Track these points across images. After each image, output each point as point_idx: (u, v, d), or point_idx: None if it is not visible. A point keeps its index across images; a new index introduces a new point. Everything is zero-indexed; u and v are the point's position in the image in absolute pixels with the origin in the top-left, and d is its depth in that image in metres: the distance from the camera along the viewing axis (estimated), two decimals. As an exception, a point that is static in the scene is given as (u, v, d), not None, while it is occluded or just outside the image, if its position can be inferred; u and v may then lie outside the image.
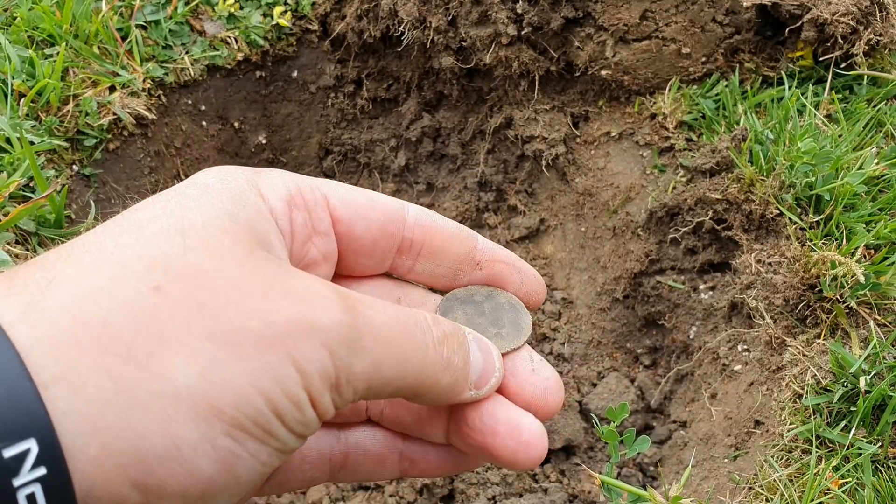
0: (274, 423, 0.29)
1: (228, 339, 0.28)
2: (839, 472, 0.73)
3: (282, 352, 0.29)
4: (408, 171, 1.31)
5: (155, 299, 0.28)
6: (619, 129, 1.16)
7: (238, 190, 0.34)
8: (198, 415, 0.27)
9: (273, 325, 0.29)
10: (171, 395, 0.26)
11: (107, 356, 0.26)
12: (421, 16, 1.14)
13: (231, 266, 0.30)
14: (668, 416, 1.03)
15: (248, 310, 0.29)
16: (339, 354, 0.30)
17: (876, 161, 0.93)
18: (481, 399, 0.37)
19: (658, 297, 1.10)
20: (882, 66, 1.07)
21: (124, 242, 0.29)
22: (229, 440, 0.28)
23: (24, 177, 0.90)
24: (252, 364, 0.28)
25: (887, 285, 0.82)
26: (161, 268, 0.28)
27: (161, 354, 0.27)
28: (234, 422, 0.28)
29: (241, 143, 1.25)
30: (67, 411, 0.25)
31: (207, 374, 0.27)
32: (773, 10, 1.06)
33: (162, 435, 0.26)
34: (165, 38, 1.12)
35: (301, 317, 0.30)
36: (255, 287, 0.29)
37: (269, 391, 0.28)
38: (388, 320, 0.32)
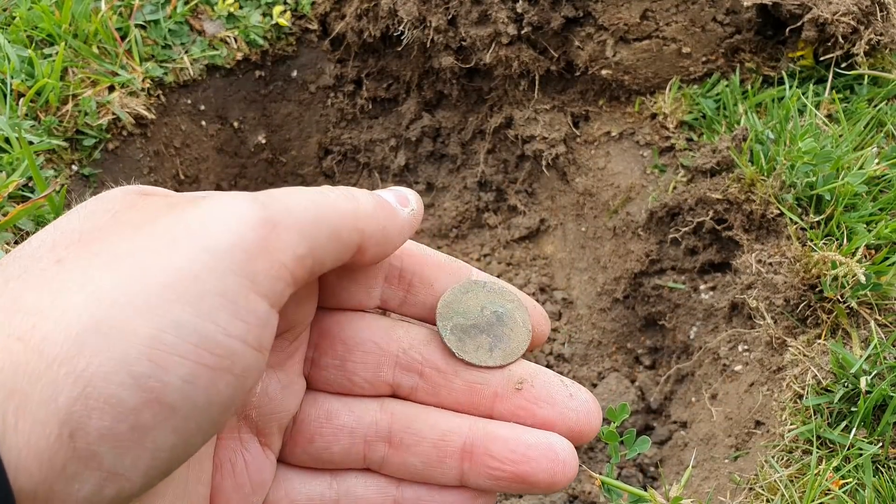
0: (204, 330, 0.26)
1: (126, 263, 0.26)
2: (840, 473, 0.73)
3: (189, 246, 0.26)
4: (407, 170, 1.31)
5: (56, 268, 0.27)
6: (620, 128, 1.16)
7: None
8: (107, 343, 0.24)
9: (169, 231, 0.27)
10: (75, 332, 0.24)
11: (14, 318, 0.25)
12: (421, 15, 1.14)
13: (122, 213, 0.29)
14: (669, 416, 1.03)
15: (142, 235, 0.27)
16: (247, 215, 0.27)
17: (877, 161, 0.92)
18: (416, 223, 0.35)
19: (658, 297, 1.09)
20: (883, 65, 1.07)
21: (36, 237, 0.29)
22: (149, 364, 0.25)
23: (23, 177, 0.90)
24: (160, 273, 0.26)
25: (888, 285, 0.82)
26: (62, 244, 0.28)
27: (61, 298, 0.25)
28: (153, 341, 0.25)
29: (241, 143, 1.25)
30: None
31: (112, 298, 0.25)
32: (773, 9, 1.06)
33: (72, 375, 0.24)
34: (165, 38, 1.12)
35: (195, 211, 0.27)
36: (148, 216, 0.28)
37: (186, 291, 0.25)
38: (276, 189, 0.30)
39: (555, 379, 0.37)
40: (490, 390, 0.37)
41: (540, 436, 0.35)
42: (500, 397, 0.37)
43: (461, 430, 0.36)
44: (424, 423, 0.36)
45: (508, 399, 0.37)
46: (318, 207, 0.30)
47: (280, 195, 0.29)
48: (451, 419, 0.37)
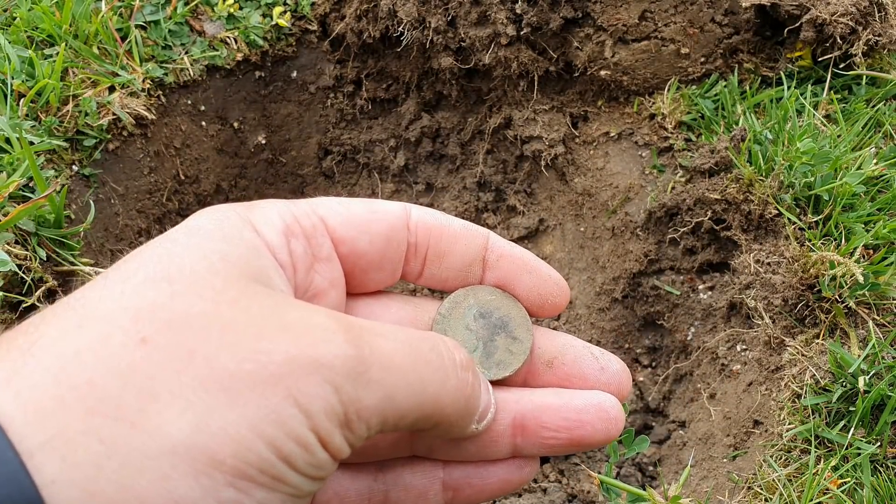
0: (281, 469, 0.27)
1: (223, 386, 0.26)
2: (838, 472, 0.73)
3: (282, 392, 0.27)
4: (407, 171, 1.31)
5: (141, 352, 0.26)
6: (619, 129, 1.16)
7: (230, 228, 0.32)
8: (196, 469, 0.25)
9: (270, 364, 0.27)
10: (166, 451, 0.25)
11: (94, 417, 0.25)
12: (420, 16, 1.14)
13: (223, 307, 0.28)
14: (667, 416, 1.03)
15: (242, 352, 0.27)
16: (345, 389, 0.28)
17: (875, 161, 0.93)
18: (485, 430, 0.35)
19: (657, 297, 1.10)
20: (881, 66, 1.07)
21: (109, 296, 0.28)
22: (233, 491, 0.26)
23: (24, 177, 0.90)
24: (250, 409, 0.26)
25: (886, 285, 0.82)
26: (146, 319, 0.27)
27: (152, 410, 0.25)
28: (237, 472, 0.26)
29: (241, 144, 1.25)
30: (56, 479, 0.24)
31: (202, 424, 0.26)
32: (771, 10, 1.06)
33: (160, 495, 0.25)
34: (165, 39, 1.12)
35: (300, 352, 0.28)
36: (249, 326, 0.28)
37: (272, 435, 0.27)
38: (399, 347, 0.30)
39: (585, 351, 0.38)
40: (522, 370, 0.38)
41: (588, 397, 0.36)
42: (532, 375, 0.38)
43: (509, 406, 0.36)
44: None
45: (540, 377, 0.38)
46: (421, 403, 0.31)
47: (396, 368, 0.30)
48: (501, 398, 0.37)
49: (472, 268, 0.38)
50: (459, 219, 0.39)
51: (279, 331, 0.28)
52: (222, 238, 0.31)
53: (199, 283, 0.29)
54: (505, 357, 0.38)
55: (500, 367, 0.37)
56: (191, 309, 0.27)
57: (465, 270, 0.38)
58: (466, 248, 0.38)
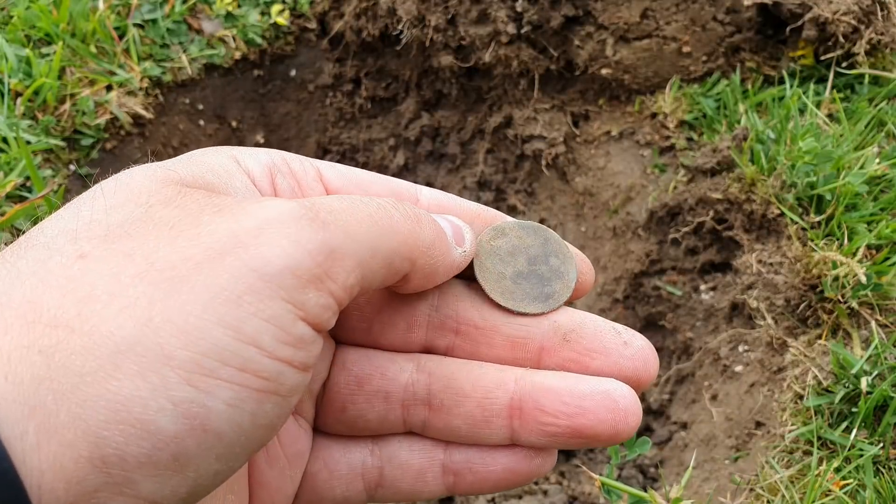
0: (247, 354, 0.24)
1: (165, 277, 0.24)
2: (840, 474, 0.73)
3: (232, 264, 0.24)
4: (407, 170, 1.30)
5: (79, 265, 0.24)
6: (620, 128, 1.16)
7: (200, 153, 0.30)
8: (143, 367, 0.23)
9: (213, 243, 0.24)
10: (108, 351, 0.23)
11: (34, 329, 0.23)
12: (420, 14, 1.13)
13: (155, 208, 0.26)
14: (669, 417, 1.02)
15: (182, 241, 0.25)
16: (306, 235, 0.25)
17: (877, 161, 0.92)
18: (466, 263, 0.33)
19: (658, 297, 1.09)
20: (883, 65, 1.06)
21: (50, 224, 0.26)
22: (190, 390, 0.23)
23: (21, 176, 0.90)
24: (198, 292, 0.24)
25: (889, 286, 0.82)
26: (84, 237, 0.25)
27: (90, 311, 0.23)
28: (192, 365, 0.23)
29: (239, 143, 1.25)
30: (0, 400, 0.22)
31: (146, 317, 0.23)
32: (774, 8, 1.06)
33: (103, 397, 0.22)
34: (163, 37, 1.11)
35: (243, 222, 0.25)
36: (186, 219, 0.26)
37: (227, 315, 0.24)
38: (335, 199, 0.28)
39: (605, 326, 0.34)
40: (535, 344, 0.34)
41: (594, 383, 0.32)
42: (547, 350, 0.34)
43: (507, 385, 0.33)
44: (465, 380, 0.33)
45: (556, 352, 0.34)
46: (379, 233, 0.28)
47: (341, 210, 0.27)
48: (495, 373, 0.33)
49: None
50: (474, 202, 0.37)
51: (216, 213, 0.26)
52: (182, 158, 0.30)
53: (135, 193, 0.27)
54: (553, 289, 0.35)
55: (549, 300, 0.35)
56: (127, 218, 0.26)
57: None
58: (482, 228, 0.36)
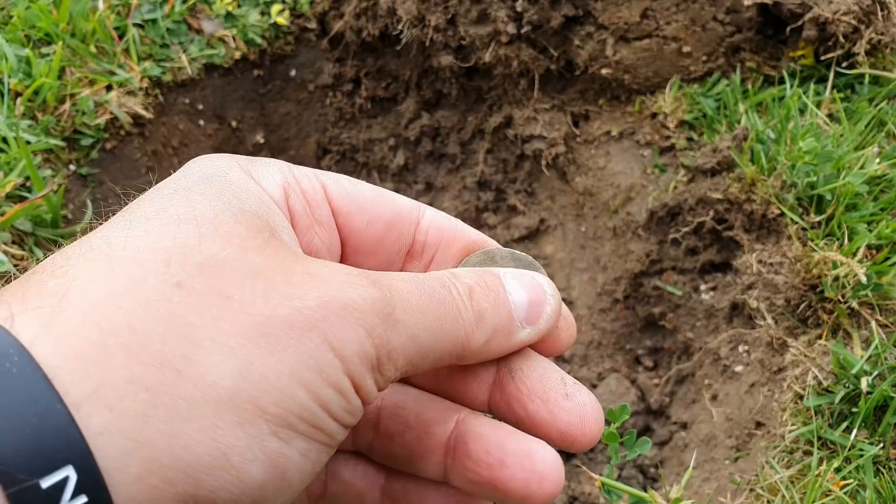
0: (320, 416, 0.27)
1: (260, 332, 0.26)
2: (840, 474, 0.73)
3: (318, 337, 0.27)
4: (407, 170, 1.30)
5: (178, 296, 0.26)
6: (620, 128, 1.16)
7: (238, 180, 0.32)
8: (242, 418, 0.25)
9: (304, 309, 0.27)
10: (212, 399, 0.25)
11: (139, 365, 0.24)
12: (420, 14, 1.13)
13: (250, 253, 0.28)
14: (669, 417, 1.02)
15: (275, 297, 0.27)
16: (376, 331, 0.28)
17: (877, 161, 0.92)
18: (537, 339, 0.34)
19: (659, 297, 1.09)
20: (884, 65, 1.06)
21: (134, 236, 0.27)
22: (277, 441, 0.26)
23: (21, 176, 0.89)
24: (289, 355, 0.26)
25: (889, 286, 0.82)
26: (178, 261, 0.27)
27: (195, 357, 0.25)
28: (280, 420, 0.26)
29: (239, 143, 1.24)
30: (104, 431, 0.23)
31: (246, 372, 0.25)
32: (774, 8, 1.05)
33: (208, 444, 0.24)
34: (163, 37, 1.11)
35: (331, 297, 0.28)
36: (278, 273, 0.28)
37: (312, 382, 0.27)
38: (412, 288, 0.30)
39: (554, 375, 0.34)
40: (489, 377, 0.35)
41: (521, 440, 0.32)
42: (498, 386, 0.35)
43: (447, 424, 0.34)
44: (412, 411, 0.35)
45: (505, 388, 0.34)
46: (441, 337, 0.30)
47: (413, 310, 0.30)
48: (440, 410, 0.35)
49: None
50: (477, 230, 0.38)
51: (307, 278, 0.28)
52: (233, 189, 0.31)
53: (224, 228, 0.28)
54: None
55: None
56: (221, 253, 0.27)
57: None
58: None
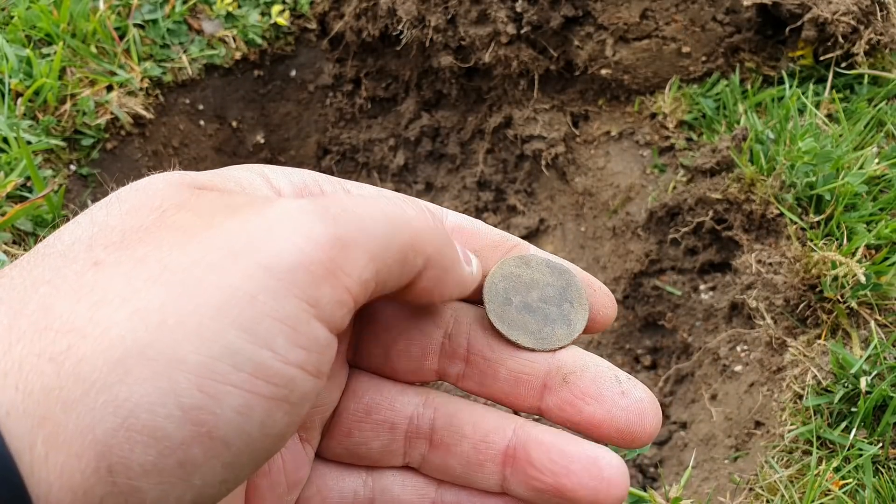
0: (259, 357, 0.23)
1: (178, 279, 0.23)
2: (840, 473, 0.73)
3: (244, 264, 0.23)
4: (407, 170, 1.30)
5: (93, 272, 0.24)
6: (619, 128, 1.16)
7: (235, 173, 0.30)
8: (153, 371, 0.22)
9: (224, 244, 0.24)
10: (118, 355, 0.22)
11: (46, 336, 0.23)
12: (420, 14, 1.13)
13: (169, 212, 0.26)
14: (668, 416, 1.02)
15: (194, 243, 0.24)
16: (316, 231, 0.24)
17: (877, 161, 0.92)
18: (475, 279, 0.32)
19: (658, 297, 1.09)
20: (883, 65, 1.06)
21: (69, 230, 0.26)
22: (200, 396, 0.22)
23: (22, 176, 0.90)
24: (210, 293, 0.23)
25: (888, 285, 0.82)
26: (100, 244, 0.25)
27: (102, 316, 0.23)
28: (204, 370, 0.22)
29: (239, 143, 1.25)
30: (10, 410, 0.22)
31: (158, 320, 0.23)
32: (773, 9, 1.06)
33: (113, 404, 0.22)
34: (163, 37, 1.11)
35: (256, 220, 0.24)
36: (199, 220, 0.25)
37: (241, 316, 0.23)
38: (347, 197, 0.28)
39: (608, 373, 0.33)
40: (538, 381, 0.33)
41: (585, 447, 0.31)
42: (549, 389, 0.33)
43: (504, 432, 0.33)
44: (467, 420, 0.33)
45: (556, 392, 0.33)
46: (392, 226, 0.27)
47: (353, 207, 0.26)
48: (496, 419, 0.33)
49: None
50: (497, 229, 0.36)
51: (229, 213, 0.25)
52: (209, 172, 0.29)
53: (150, 198, 0.27)
54: (562, 327, 0.34)
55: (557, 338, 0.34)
56: (141, 223, 0.25)
57: None
58: (502, 256, 0.35)
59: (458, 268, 0.31)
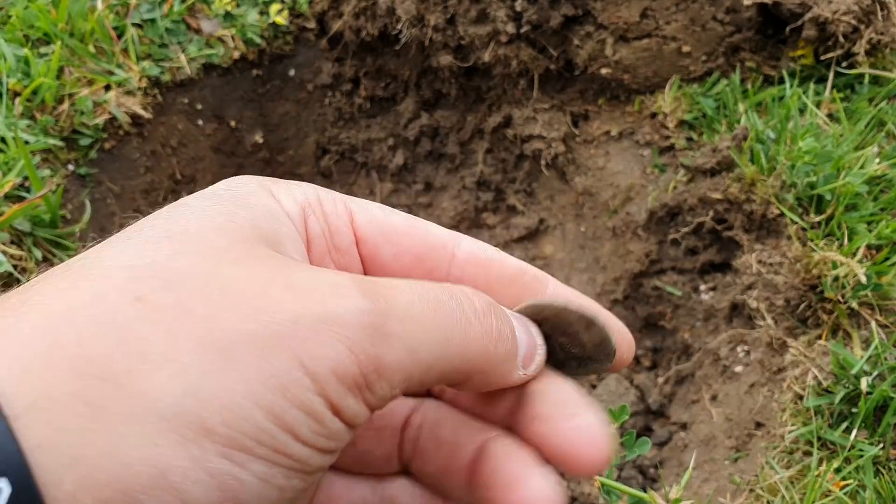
0: (283, 439, 0.25)
1: (219, 348, 0.24)
2: (840, 474, 0.73)
3: (285, 354, 0.24)
4: (406, 170, 1.30)
5: (135, 311, 0.24)
6: (619, 128, 1.16)
7: (245, 191, 0.30)
8: (185, 437, 0.23)
9: (273, 324, 0.24)
10: (153, 415, 0.23)
11: (81, 378, 0.23)
12: (419, 14, 1.13)
13: (224, 266, 0.26)
14: (669, 417, 1.02)
15: (243, 311, 0.25)
16: (361, 346, 0.25)
17: (877, 160, 0.92)
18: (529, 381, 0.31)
19: (658, 297, 1.09)
20: (883, 65, 1.06)
21: (108, 255, 0.26)
22: (227, 463, 0.24)
23: (20, 176, 0.89)
24: (248, 373, 0.24)
25: (889, 286, 0.82)
26: (143, 277, 0.25)
27: (141, 371, 0.23)
28: (231, 441, 0.24)
29: (238, 143, 1.24)
30: (42, 443, 0.22)
31: (194, 388, 0.23)
32: (773, 8, 1.05)
33: (145, 462, 0.23)
34: (161, 37, 1.11)
35: (307, 310, 0.25)
36: (252, 286, 0.25)
37: (271, 402, 0.24)
38: (416, 298, 0.27)
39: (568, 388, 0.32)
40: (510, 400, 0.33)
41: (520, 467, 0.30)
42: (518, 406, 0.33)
43: (474, 444, 0.32)
44: (447, 429, 0.34)
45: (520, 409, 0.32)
46: (447, 352, 0.27)
47: (414, 319, 0.27)
48: (474, 430, 0.33)
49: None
50: (515, 258, 0.35)
51: (285, 289, 0.26)
52: (233, 200, 0.29)
53: (202, 242, 0.27)
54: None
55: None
56: (191, 269, 0.26)
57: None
58: (522, 292, 0.34)
59: (507, 379, 0.31)
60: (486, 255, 0.34)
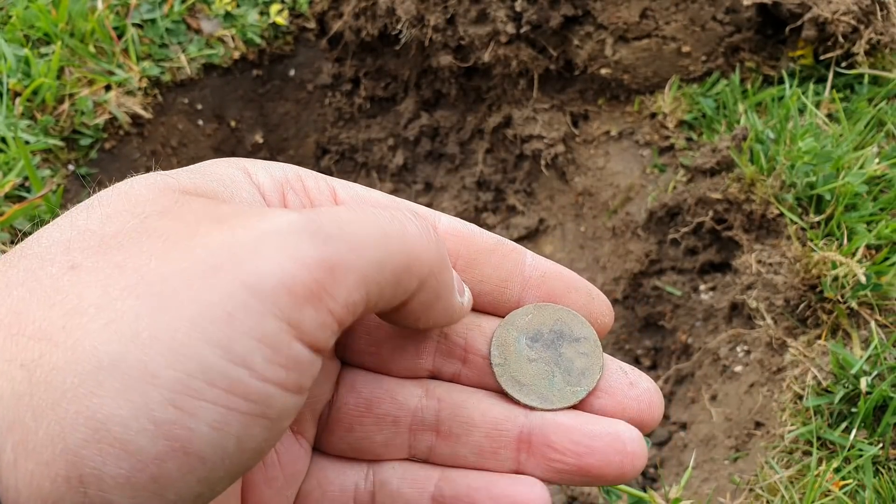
0: (236, 375, 0.23)
1: (155, 290, 0.23)
2: (840, 474, 0.73)
3: (225, 280, 0.23)
4: (406, 170, 1.30)
5: (69, 277, 0.23)
6: (619, 128, 1.16)
7: (208, 164, 0.30)
8: (126, 385, 0.22)
9: (207, 256, 0.23)
10: (90, 367, 0.22)
11: (17, 342, 0.22)
12: (419, 14, 1.13)
13: (152, 220, 0.25)
14: (668, 417, 1.02)
15: (175, 253, 0.23)
16: (304, 251, 0.24)
17: (877, 160, 0.92)
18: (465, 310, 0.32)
19: (658, 297, 1.09)
20: (883, 65, 1.06)
21: (47, 233, 0.26)
22: (173, 411, 0.22)
23: (20, 176, 0.89)
24: (189, 308, 0.22)
25: (888, 286, 0.82)
26: (77, 247, 0.24)
27: (75, 325, 0.22)
28: (177, 385, 0.22)
29: (238, 143, 1.24)
30: None
31: (132, 333, 0.22)
32: (773, 8, 1.05)
33: (83, 414, 0.21)
34: (162, 37, 1.11)
35: (241, 234, 0.24)
36: (183, 229, 0.24)
37: (218, 334, 0.22)
38: (342, 208, 0.27)
39: (613, 366, 0.34)
40: None
41: (605, 424, 0.32)
42: None
43: (516, 419, 0.33)
44: (475, 410, 0.33)
45: None
46: (389, 247, 0.26)
47: (349, 222, 0.25)
48: (504, 406, 0.33)
49: (509, 283, 0.34)
50: (492, 233, 0.35)
51: (214, 223, 0.24)
52: (189, 169, 0.28)
53: (131, 200, 0.26)
54: (584, 362, 0.34)
55: (586, 375, 0.34)
56: (121, 229, 0.25)
57: (501, 285, 0.34)
58: (502, 261, 0.34)
59: (450, 296, 0.30)
60: (467, 229, 0.35)
